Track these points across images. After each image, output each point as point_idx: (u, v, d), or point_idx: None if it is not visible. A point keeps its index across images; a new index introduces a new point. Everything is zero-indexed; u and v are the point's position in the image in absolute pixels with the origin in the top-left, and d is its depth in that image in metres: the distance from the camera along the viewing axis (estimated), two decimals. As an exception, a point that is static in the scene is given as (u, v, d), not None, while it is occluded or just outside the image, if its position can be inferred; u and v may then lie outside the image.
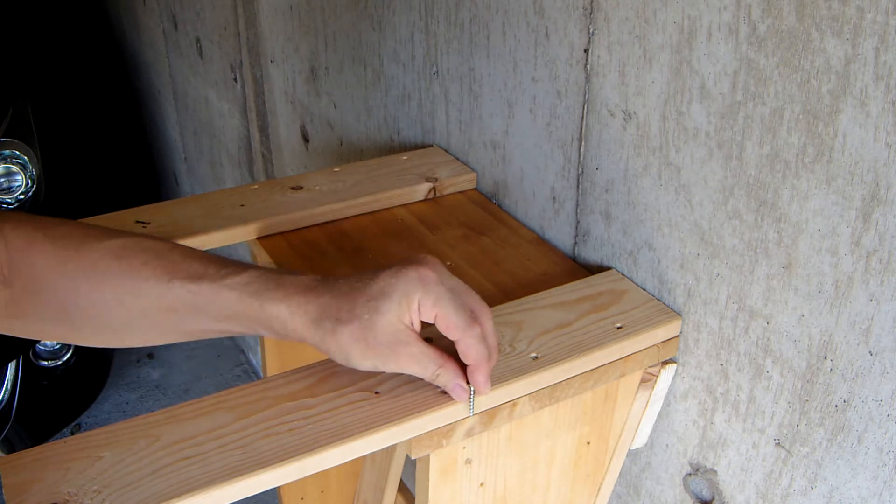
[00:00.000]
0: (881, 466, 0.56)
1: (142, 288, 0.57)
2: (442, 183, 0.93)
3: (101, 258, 0.57)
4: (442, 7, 0.92)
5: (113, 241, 0.58)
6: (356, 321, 0.54)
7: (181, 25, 2.15)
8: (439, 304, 0.54)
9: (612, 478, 0.78)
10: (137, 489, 0.50)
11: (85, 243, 0.57)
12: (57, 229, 0.58)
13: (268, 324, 0.56)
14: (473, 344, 0.56)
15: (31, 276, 0.56)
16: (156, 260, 0.57)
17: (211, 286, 0.56)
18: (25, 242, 0.56)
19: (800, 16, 0.53)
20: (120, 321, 0.58)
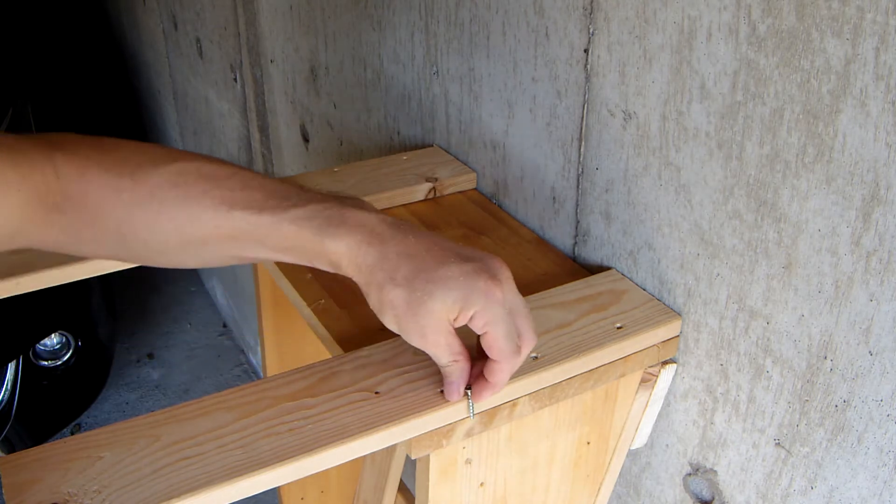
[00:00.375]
0: (881, 466, 0.56)
1: (200, 217, 0.55)
2: (442, 183, 0.93)
3: (157, 186, 0.55)
4: (442, 7, 0.92)
5: (169, 166, 0.56)
6: (407, 292, 0.53)
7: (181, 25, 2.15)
8: (492, 325, 0.54)
9: (612, 478, 0.78)
10: (137, 489, 0.50)
11: (140, 170, 0.55)
12: (111, 155, 0.56)
13: (326, 258, 0.56)
14: (505, 370, 0.56)
15: (85, 204, 0.55)
16: (215, 189, 0.56)
17: (272, 219, 0.55)
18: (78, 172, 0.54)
19: (800, 16, 0.53)
20: (176, 247, 0.57)
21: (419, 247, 0.55)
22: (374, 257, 0.55)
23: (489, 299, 0.54)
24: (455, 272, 0.54)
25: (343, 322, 0.72)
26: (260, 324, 0.97)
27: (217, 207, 0.55)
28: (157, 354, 2.65)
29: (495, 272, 0.55)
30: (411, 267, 0.54)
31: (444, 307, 0.53)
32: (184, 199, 0.55)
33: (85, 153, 0.55)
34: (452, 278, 0.54)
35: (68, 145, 0.55)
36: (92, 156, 0.55)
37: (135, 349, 2.67)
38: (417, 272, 0.54)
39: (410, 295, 0.53)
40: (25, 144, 0.53)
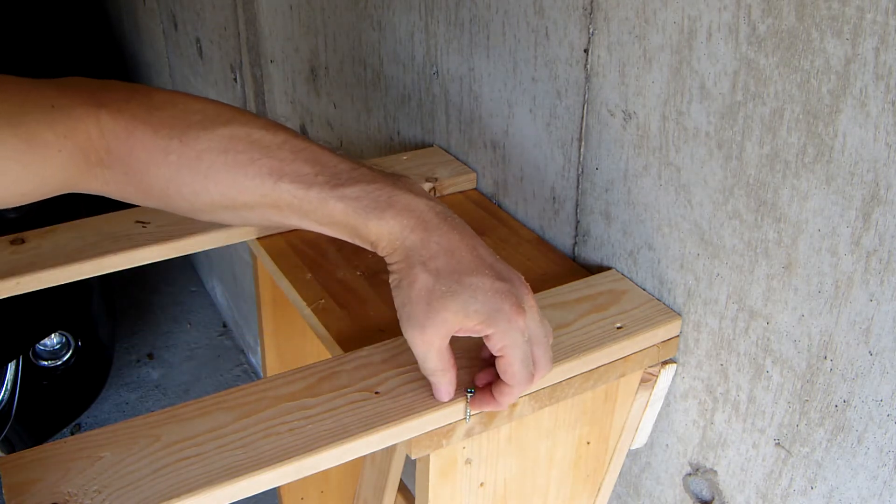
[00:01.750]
0: (881, 466, 0.56)
1: (247, 185, 0.55)
2: (442, 183, 0.93)
3: (206, 150, 0.55)
4: (442, 7, 0.92)
5: (219, 130, 0.55)
6: (434, 282, 0.53)
7: (181, 25, 2.15)
8: (509, 350, 0.54)
9: (612, 478, 0.78)
10: (137, 489, 0.50)
11: (188, 132, 0.54)
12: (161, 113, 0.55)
13: (367, 238, 0.56)
14: (514, 394, 0.57)
15: (131, 163, 0.54)
16: (264, 157, 0.55)
17: (319, 195, 0.55)
18: (125, 131, 0.53)
19: (800, 16, 0.53)
20: (220, 208, 0.57)
21: (462, 246, 0.55)
22: (415, 242, 0.54)
23: (511, 324, 0.54)
24: (486, 285, 0.54)
25: (343, 322, 0.72)
26: (260, 324, 0.97)
27: (265, 177, 0.55)
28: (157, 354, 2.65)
29: (522, 299, 0.55)
30: (447, 262, 0.54)
31: (463, 313, 0.53)
32: (232, 166, 0.55)
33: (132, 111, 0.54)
34: (481, 290, 0.54)
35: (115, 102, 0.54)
36: (139, 115, 0.54)
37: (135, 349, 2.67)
38: (451, 269, 0.54)
39: (435, 286, 0.53)
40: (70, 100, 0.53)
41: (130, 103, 0.54)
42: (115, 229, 0.80)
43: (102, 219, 0.82)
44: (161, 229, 0.80)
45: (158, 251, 0.78)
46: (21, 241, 0.77)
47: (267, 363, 1.00)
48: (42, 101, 0.52)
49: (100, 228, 0.80)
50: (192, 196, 0.56)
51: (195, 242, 0.80)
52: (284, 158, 0.55)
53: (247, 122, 0.56)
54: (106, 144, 0.53)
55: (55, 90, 0.53)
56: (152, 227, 0.81)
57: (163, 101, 0.55)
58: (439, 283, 0.53)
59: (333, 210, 0.55)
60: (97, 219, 0.82)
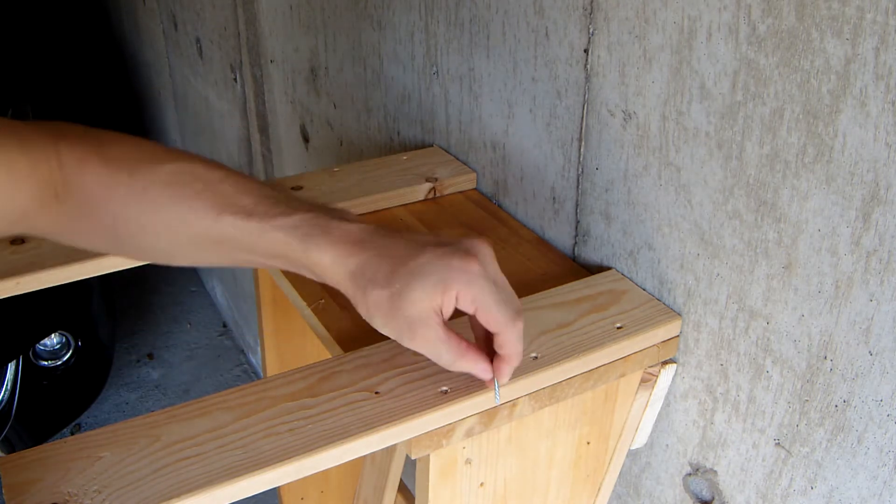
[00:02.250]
0: (881, 466, 0.56)
1: (191, 218, 0.56)
2: (442, 183, 0.93)
3: (152, 184, 0.56)
4: (442, 7, 0.92)
5: (166, 166, 0.57)
6: (388, 289, 0.54)
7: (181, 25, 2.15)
8: (480, 299, 0.54)
9: (612, 478, 0.78)
10: (137, 489, 0.50)
11: (138, 167, 0.56)
12: (111, 149, 0.57)
13: (311, 268, 0.57)
14: (512, 339, 0.55)
15: (83, 195, 0.56)
16: (206, 191, 0.56)
17: (259, 225, 0.56)
18: (79, 162, 0.55)
19: (800, 16, 0.53)
20: (168, 245, 0.58)
21: (396, 245, 0.56)
22: (356, 264, 0.55)
23: (468, 274, 0.54)
24: (429, 257, 0.54)
25: (343, 322, 0.72)
26: (260, 324, 0.97)
27: (207, 210, 0.56)
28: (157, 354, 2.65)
29: (470, 249, 0.55)
30: (389, 265, 0.55)
31: (425, 294, 0.53)
32: (177, 199, 0.56)
33: (87, 145, 0.56)
34: (427, 264, 0.54)
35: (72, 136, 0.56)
36: (93, 148, 0.56)
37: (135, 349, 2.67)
38: (394, 268, 0.54)
39: (391, 291, 0.54)
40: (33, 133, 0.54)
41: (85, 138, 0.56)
42: (115, 229, 0.80)
43: (102, 219, 0.82)
44: (161, 229, 0.80)
45: (158, 251, 0.78)
46: (21, 241, 0.77)
47: (267, 363, 1.00)
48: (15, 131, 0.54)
49: (100, 228, 0.80)
50: (138, 231, 0.57)
51: (195, 242, 0.80)
52: (225, 192, 0.57)
53: (192, 159, 0.58)
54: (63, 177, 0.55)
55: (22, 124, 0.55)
56: (152, 227, 0.81)
57: (113, 139, 0.58)
58: (392, 286, 0.54)
59: (274, 240, 0.56)
60: (97, 219, 0.82)
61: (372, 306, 0.55)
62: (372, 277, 0.55)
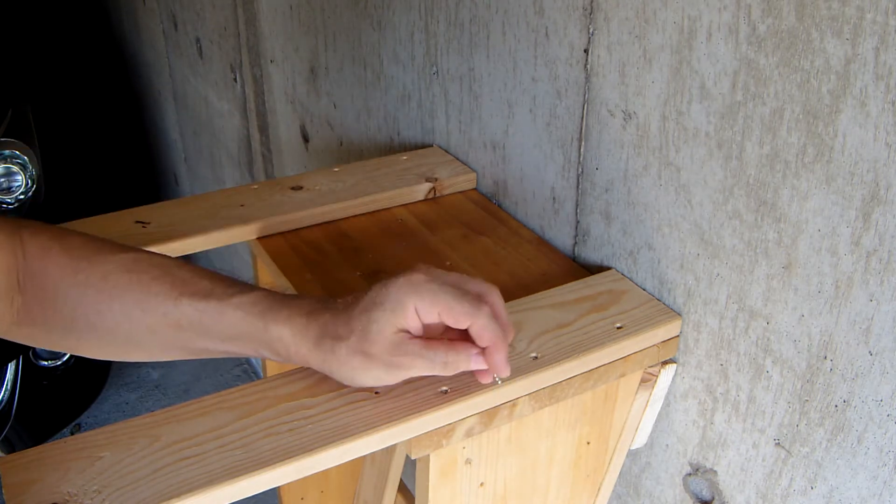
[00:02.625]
0: (881, 466, 0.56)
1: (150, 303, 0.57)
2: (442, 183, 0.93)
3: (111, 270, 0.58)
4: (442, 7, 0.92)
5: (125, 254, 0.59)
6: (353, 335, 0.55)
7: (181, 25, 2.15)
8: (437, 301, 0.54)
9: (612, 478, 0.78)
10: (137, 489, 0.50)
11: (98, 255, 0.58)
12: (72, 239, 0.59)
13: (271, 346, 0.57)
14: (486, 324, 0.55)
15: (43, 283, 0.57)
16: (165, 276, 0.58)
17: (218, 305, 0.57)
18: (41, 250, 0.57)
19: (800, 16, 0.53)
20: (125, 335, 0.59)
21: (345, 301, 0.57)
22: (317, 329, 0.56)
23: (416, 285, 0.54)
24: (377, 290, 0.55)
25: (343, 322, 0.72)
26: (260, 324, 0.97)
27: (166, 294, 0.57)
28: (156, 354, 2.65)
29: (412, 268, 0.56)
30: (345, 316, 0.55)
31: (387, 319, 0.54)
32: (135, 284, 0.58)
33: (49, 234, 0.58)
34: (378, 295, 0.55)
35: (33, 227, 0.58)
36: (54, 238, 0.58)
37: (135, 349, 2.67)
38: (350, 316, 0.55)
39: (356, 335, 0.55)
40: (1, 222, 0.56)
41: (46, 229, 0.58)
42: (115, 229, 0.80)
43: (102, 219, 0.82)
44: (161, 229, 0.80)
45: (158, 251, 0.78)
46: (21, 241, 0.77)
47: (267, 363, 1.00)
48: None
49: (100, 228, 0.80)
50: (96, 317, 0.58)
51: (195, 242, 0.80)
52: (184, 277, 0.58)
53: (149, 252, 0.60)
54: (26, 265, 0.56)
55: None
56: (152, 227, 0.81)
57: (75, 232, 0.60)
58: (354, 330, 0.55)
59: (232, 319, 0.57)
60: (97, 219, 0.82)
61: (345, 360, 0.55)
62: (335, 334, 0.55)
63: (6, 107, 1.96)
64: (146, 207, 0.84)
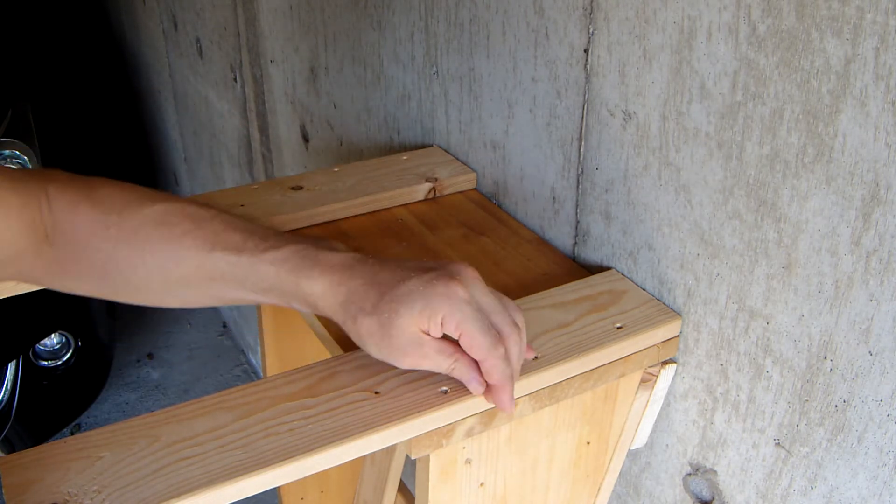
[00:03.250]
0: (881, 466, 0.56)
1: (182, 256, 0.57)
2: (442, 183, 0.93)
3: (142, 224, 0.57)
4: (442, 7, 0.92)
5: (155, 206, 0.58)
6: (376, 316, 0.55)
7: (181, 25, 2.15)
8: (463, 325, 0.54)
9: (612, 478, 0.78)
10: (137, 489, 0.50)
11: (127, 208, 0.58)
12: (100, 191, 0.58)
13: (303, 299, 0.58)
14: (497, 364, 0.56)
15: (73, 237, 0.57)
16: (197, 229, 0.58)
17: (250, 259, 0.57)
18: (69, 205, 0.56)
19: (800, 16, 0.53)
20: (159, 285, 0.59)
21: (383, 273, 0.57)
22: (345, 294, 0.56)
23: (452, 300, 0.54)
24: (415, 285, 0.55)
25: (343, 322, 0.72)
26: (260, 324, 0.97)
27: (199, 247, 0.57)
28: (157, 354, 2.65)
29: (455, 274, 0.56)
30: (376, 293, 0.56)
31: (412, 320, 0.54)
32: (168, 238, 0.57)
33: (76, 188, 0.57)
34: (413, 291, 0.55)
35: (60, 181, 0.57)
36: (82, 192, 0.57)
37: (135, 349, 2.67)
38: (382, 296, 0.55)
39: (380, 318, 0.55)
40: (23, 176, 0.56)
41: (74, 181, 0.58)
42: (115, 229, 0.80)
43: (102, 219, 0.82)
44: (161, 229, 0.80)
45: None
46: (21, 241, 0.77)
47: (267, 363, 1.00)
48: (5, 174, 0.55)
49: (100, 228, 0.80)
50: (129, 270, 0.58)
51: (195, 242, 0.80)
52: (216, 229, 0.58)
53: (180, 200, 0.60)
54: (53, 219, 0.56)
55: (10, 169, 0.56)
56: (152, 227, 0.81)
57: (101, 182, 0.59)
58: (381, 314, 0.55)
59: (265, 273, 0.57)
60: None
61: (363, 333, 0.56)
62: (361, 306, 0.56)
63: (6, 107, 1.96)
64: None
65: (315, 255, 0.58)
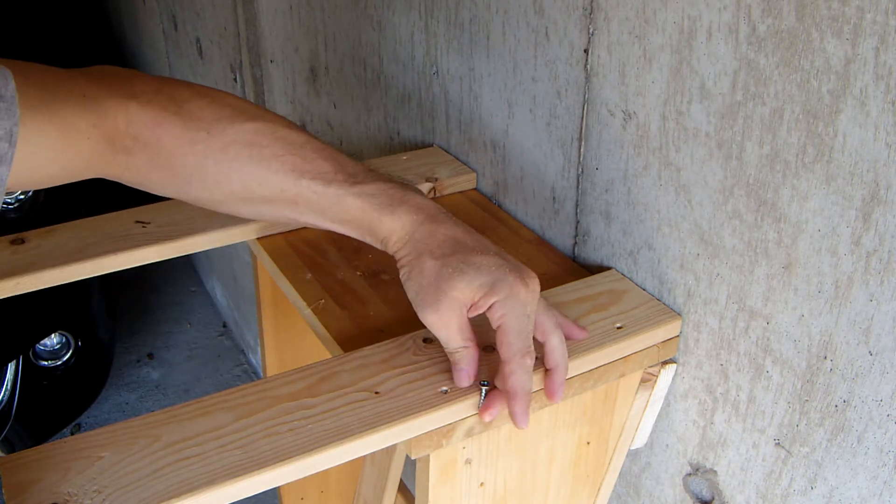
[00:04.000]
0: (881, 466, 0.56)
1: (269, 179, 0.57)
2: (442, 183, 0.93)
3: (231, 143, 0.57)
4: (442, 7, 0.92)
5: (246, 125, 0.58)
6: (440, 265, 0.56)
7: (181, 25, 2.15)
8: (507, 319, 0.55)
9: (612, 478, 0.78)
10: (137, 489, 0.50)
11: (216, 125, 0.57)
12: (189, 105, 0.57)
13: (378, 234, 0.58)
14: (516, 371, 0.56)
15: (157, 150, 0.56)
16: (287, 154, 0.58)
17: (338, 192, 0.58)
18: (153, 121, 0.55)
19: (800, 16, 0.53)
20: (238, 200, 0.59)
21: (467, 236, 0.58)
22: (424, 233, 0.57)
23: (512, 293, 0.55)
24: (491, 262, 0.56)
25: (343, 322, 0.72)
26: (260, 324, 0.97)
27: (287, 173, 0.57)
28: (157, 354, 2.65)
29: (526, 276, 0.57)
30: (453, 247, 0.56)
31: (469, 288, 0.55)
32: (256, 159, 0.57)
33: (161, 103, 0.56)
34: (486, 266, 0.56)
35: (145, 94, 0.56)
36: (169, 106, 0.56)
37: (135, 349, 2.67)
38: (456, 252, 0.56)
39: (442, 269, 0.55)
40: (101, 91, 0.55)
41: (160, 95, 0.56)
42: (115, 229, 0.80)
43: (102, 219, 0.82)
44: (161, 229, 0.80)
45: (158, 251, 0.78)
46: (21, 241, 0.77)
47: (267, 363, 1.00)
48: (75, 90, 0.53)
49: (100, 228, 0.80)
50: (213, 185, 0.58)
51: (195, 242, 0.80)
52: (306, 157, 0.58)
53: (272, 119, 0.59)
54: (133, 133, 0.55)
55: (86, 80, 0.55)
56: (152, 227, 0.81)
57: (191, 94, 0.57)
58: (446, 266, 0.55)
59: (350, 206, 0.58)
60: (97, 219, 0.82)
61: (416, 271, 0.56)
62: (432, 249, 0.56)
63: (6, 107, 1.96)
64: (146, 207, 0.84)
65: (402, 195, 0.58)
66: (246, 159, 0.57)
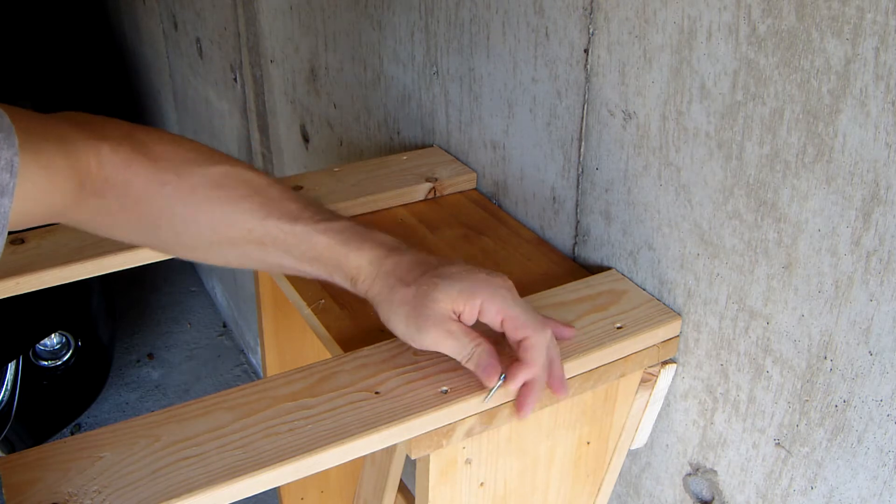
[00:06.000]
0: (881, 466, 0.56)
1: (237, 219, 0.58)
2: (442, 183, 0.93)
3: (200, 184, 0.58)
4: (442, 7, 0.92)
5: (213, 168, 0.59)
6: (415, 287, 0.57)
7: (181, 25, 2.15)
8: (506, 309, 0.56)
9: (612, 478, 0.78)
10: (137, 489, 0.50)
11: (185, 167, 0.58)
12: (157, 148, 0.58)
13: (347, 272, 0.59)
14: (538, 345, 0.57)
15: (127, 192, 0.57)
16: (255, 195, 0.59)
17: (305, 229, 0.59)
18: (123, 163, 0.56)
19: (800, 16, 0.53)
20: (206, 243, 0.60)
21: (430, 256, 0.59)
22: (390, 265, 0.58)
23: (493, 286, 0.57)
24: (460, 269, 0.58)
25: (343, 322, 0.72)
26: (260, 324, 0.97)
27: (254, 212, 0.58)
28: (157, 354, 2.65)
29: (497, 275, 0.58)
30: (422, 269, 0.58)
31: (448, 297, 0.56)
32: (224, 200, 0.58)
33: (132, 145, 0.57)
34: (457, 273, 0.57)
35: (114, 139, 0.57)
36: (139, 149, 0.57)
37: (135, 349, 2.67)
38: (425, 272, 0.57)
39: (417, 290, 0.56)
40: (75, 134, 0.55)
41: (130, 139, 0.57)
42: (115, 229, 0.80)
43: (102, 219, 0.82)
44: (161, 229, 0.80)
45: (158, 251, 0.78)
46: (21, 241, 0.77)
47: (267, 363, 1.00)
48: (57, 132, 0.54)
49: (100, 228, 0.80)
50: (182, 227, 0.59)
51: (195, 242, 0.80)
52: (272, 197, 0.59)
53: (237, 163, 0.60)
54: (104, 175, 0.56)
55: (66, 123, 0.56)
56: (152, 227, 0.81)
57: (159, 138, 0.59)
58: (420, 286, 0.57)
59: (317, 243, 0.59)
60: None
61: (397, 302, 0.57)
62: (402, 277, 0.57)
63: (6, 106, 1.96)
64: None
65: (366, 232, 0.60)
66: (214, 200, 0.58)
